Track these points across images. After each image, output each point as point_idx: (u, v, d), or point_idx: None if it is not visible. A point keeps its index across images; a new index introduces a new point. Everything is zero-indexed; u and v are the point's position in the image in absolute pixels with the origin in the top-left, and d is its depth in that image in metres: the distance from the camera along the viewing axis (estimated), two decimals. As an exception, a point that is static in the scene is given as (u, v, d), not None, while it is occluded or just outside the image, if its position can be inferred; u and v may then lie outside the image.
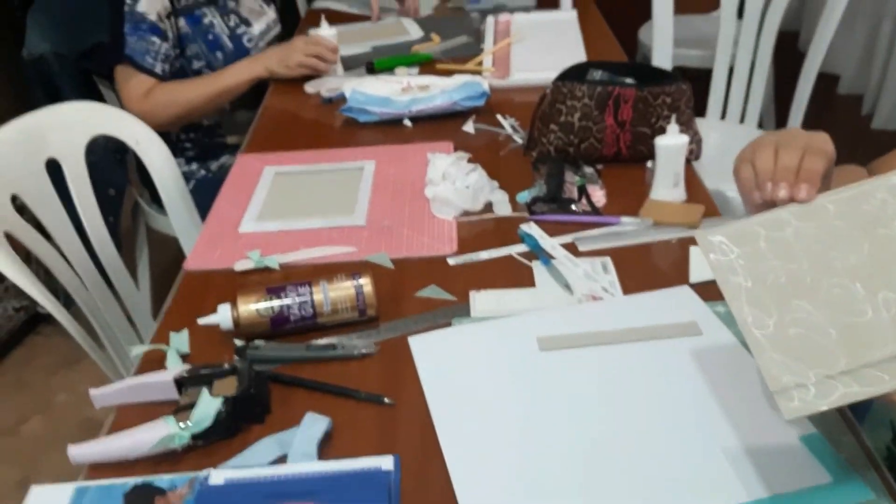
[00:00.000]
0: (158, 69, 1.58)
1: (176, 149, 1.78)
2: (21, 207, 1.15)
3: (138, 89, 1.57)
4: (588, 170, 1.16)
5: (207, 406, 0.75)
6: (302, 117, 1.50)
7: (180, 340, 0.89)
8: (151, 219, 1.91)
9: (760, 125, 2.12)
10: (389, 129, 1.41)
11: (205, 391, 0.76)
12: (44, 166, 1.22)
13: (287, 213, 1.15)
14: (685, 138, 1.08)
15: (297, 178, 1.26)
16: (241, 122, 1.78)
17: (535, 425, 0.75)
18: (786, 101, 2.00)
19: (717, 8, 2.34)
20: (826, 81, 2.01)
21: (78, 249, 1.24)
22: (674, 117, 1.09)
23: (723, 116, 2.11)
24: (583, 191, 1.12)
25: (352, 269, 0.93)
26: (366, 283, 0.91)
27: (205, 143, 1.76)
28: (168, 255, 2.38)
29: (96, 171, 1.36)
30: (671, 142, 1.07)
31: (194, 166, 1.76)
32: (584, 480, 0.69)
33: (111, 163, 1.91)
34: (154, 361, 0.88)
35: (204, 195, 1.53)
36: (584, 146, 1.19)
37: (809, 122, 1.95)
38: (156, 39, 1.57)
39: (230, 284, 1.01)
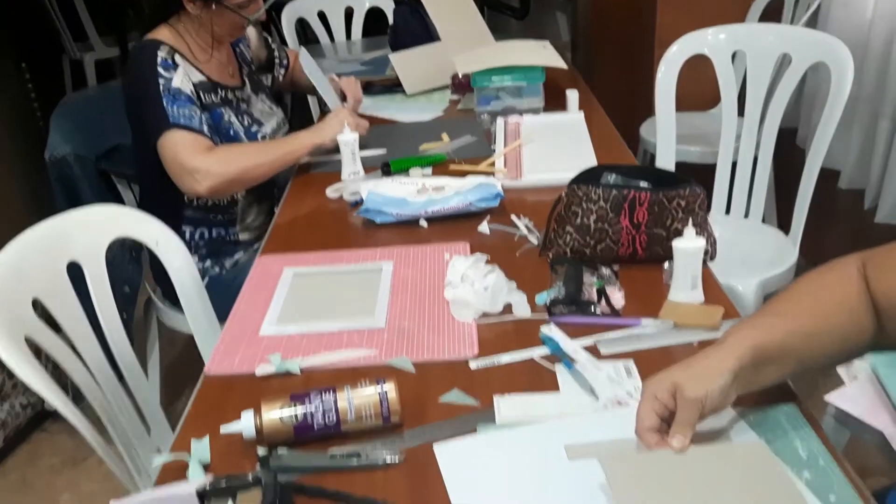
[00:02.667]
0: (207, 132, 1.59)
1: (189, 247, 1.80)
2: (35, 303, 1.16)
3: (198, 145, 1.55)
4: (605, 271, 1.18)
5: (232, 522, 0.74)
6: (319, 217, 1.53)
7: (201, 449, 0.88)
8: (163, 315, 1.91)
9: (763, 219, 2.15)
10: (406, 230, 1.43)
11: (241, 500, 0.75)
12: (65, 268, 1.23)
13: (307, 316, 1.16)
14: (702, 241, 1.10)
15: (316, 279, 1.27)
16: (254, 219, 1.81)
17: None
18: (786, 194, 2.04)
19: (716, 105, 2.42)
20: (826, 176, 2.06)
21: (93, 346, 1.24)
22: (690, 220, 1.11)
23: (727, 211, 2.15)
24: (602, 293, 1.12)
25: (373, 373, 0.93)
26: (390, 389, 0.90)
27: (218, 240, 1.78)
28: (178, 349, 2.37)
29: (112, 269, 1.37)
30: (688, 245, 1.09)
31: (208, 263, 1.78)
32: None
33: (127, 260, 1.94)
34: (173, 470, 0.87)
35: (218, 292, 1.54)
36: (601, 247, 1.21)
37: (813, 217, 1.99)
38: (196, 109, 1.59)
39: (251, 389, 1.01)
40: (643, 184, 1.21)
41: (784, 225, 2.09)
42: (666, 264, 1.16)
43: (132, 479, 1.18)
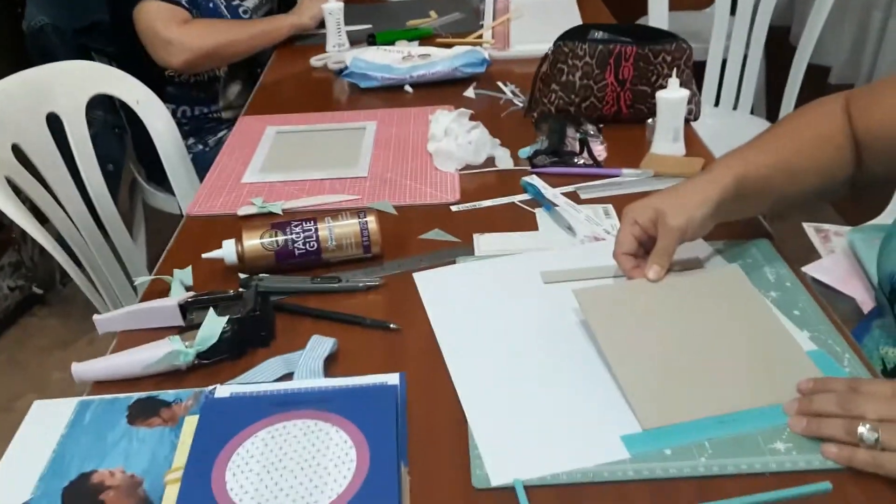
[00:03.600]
0: (185, 3, 1.56)
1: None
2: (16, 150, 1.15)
3: (174, 17, 1.53)
4: (589, 127, 1.18)
5: (213, 325, 0.75)
6: (303, 84, 1.51)
7: (184, 274, 0.89)
8: (149, 196, 1.91)
9: (752, 112, 2.15)
10: (390, 95, 1.42)
11: (211, 311, 0.76)
12: (45, 120, 1.22)
13: (289, 167, 1.16)
14: (686, 92, 1.09)
15: (298, 136, 1.27)
16: (237, 97, 1.79)
17: (538, 350, 0.76)
18: (777, 91, 2.03)
19: (710, 4, 2.38)
20: (817, 73, 2.05)
21: (75, 200, 1.24)
22: (674, 72, 1.11)
23: (716, 104, 2.14)
24: (584, 145, 1.13)
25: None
26: (371, 220, 0.91)
27: (201, 118, 1.76)
28: (166, 234, 2.37)
29: (95, 146, 1.36)
30: (672, 95, 1.09)
31: (191, 141, 1.76)
32: (582, 398, 0.69)
33: (110, 138, 1.92)
34: (157, 293, 0.88)
35: (202, 168, 1.53)
36: (585, 105, 1.21)
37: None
38: None
39: (232, 228, 1.01)
40: (629, 40, 1.20)
41: (773, 119, 2.08)
42: (650, 120, 1.16)
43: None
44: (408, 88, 1.43)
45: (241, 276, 0.89)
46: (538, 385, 0.71)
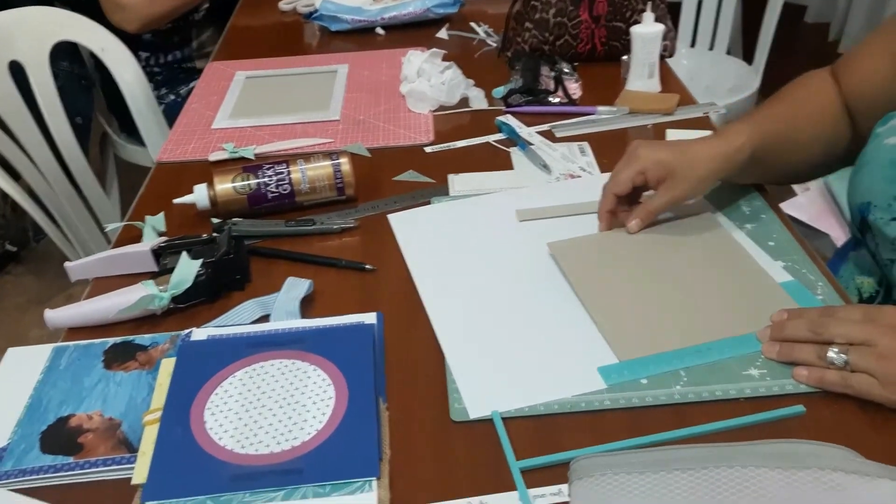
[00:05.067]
0: None
1: (146, 74, 1.74)
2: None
3: None
4: (564, 65, 1.16)
5: (187, 268, 0.75)
6: (272, 29, 1.48)
7: (156, 220, 0.88)
8: (120, 149, 1.87)
9: (728, 52, 2.13)
10: (362, 38, 1.39)
11: (184, 254, 0.75)
12: (7, 69, 1.18)
13: (260, 112, 1.13)
14: (660, 27, 1.08)
15: (269, 80, 1.24)
16: (209, 39, 1.74)
17: (514, 286, 0.76)
18: (754, 30, 2.02)
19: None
20: (793, 11, 2.03)
21: (46, 157, 1.22)
22: (649, 6, 1.09)
23: (692, 44, 2.12)
24: (559, 83, 1.11)
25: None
26: (344, 161, 0.90)
27: (174, 67, 1.72)
28: (139, 187, 2.33)
29: (62, 98, 1.32)
30: (646, 30, 1.07)
31: (163, 91, 1.72)
32: (559, 332, 0.70)
33: (77, 90, 1.87)
34: (129, 240, 0.87)
35: (174, 118, 1.50)
36: (560, 43, 1.19)
37: (777, 50, 1.98)
38: None
39: (204, 174, 0.99)
40: (604, -25, 1.17)
41: (749, 58, 2.07)
42: (625, 57, 1.15)
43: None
44: (379, 30, 1.40)
45: (214, 220, 0.88)
46: (515, 321, 0.71)
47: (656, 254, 0.77)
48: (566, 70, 1.14)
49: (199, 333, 0.71)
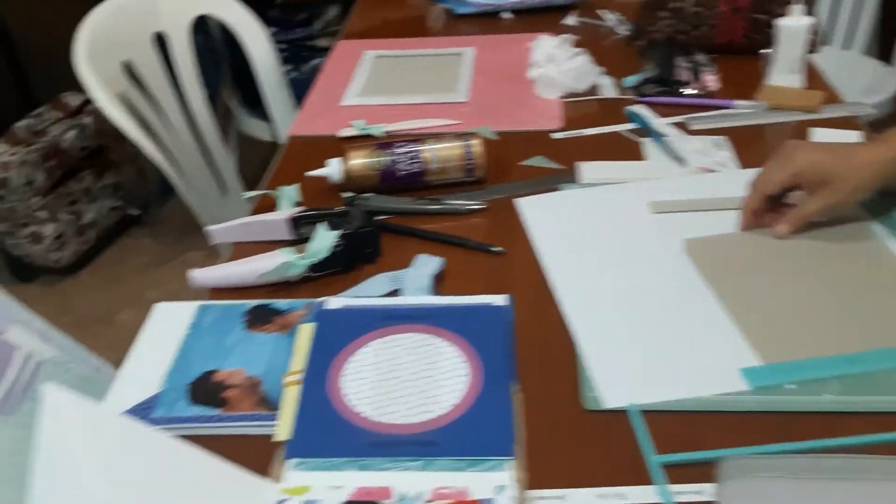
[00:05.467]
0: None
1: (269, 49, 1.80)
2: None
3: None
4: (700, 56, 1.12)
5: (324, 238, 0.77)
6: (398, 10, 1.49)
7: (290, 191, 0.91)
8: (243, 123, 1.94)
9: (864, 52, 2.02)
10: (486, 22, 1.39)
11: (322, 225, 0.77)
12: (151, 38, 1.24)
13: (388, 91, 1.15)
14: (809, 20, 1.03)
15: (396, 60, 1.26)
16: (333, 25, 1.79)
17: (649, 279, 0.74)
18: (893, 31, 1.90)
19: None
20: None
21: (181, 124, 1.28)
22: (797, -2, 1.04)
23: (827, 43, 2.01)
24: (695, 74, 1.08)
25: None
26: (475, 143, 0.90)
27: (297, 45, 1.77)
28: (256, 160, 2.40)
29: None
30: (794, 23, 1.02)
31: (287, 67, 1.78)
32: (698, 329, 0.68)
33: (207, 63, 1.95)
34: (264, 209, 0.89)
35: (297, 97, 1.55)
36: (696, 34, 1.15)
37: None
38: None
39: (333, 149, 1.02)
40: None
41: (887, 59, 1.95)
42: (768, 50, 1.10)
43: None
44: (504, 15, 1.39)
45: (344, 194, 0.89)
46: (651, 313, 0.69)
47: (803, 258, 0.74)
48: (702, 61, 1.11)
49: (334, 302, 0.73)
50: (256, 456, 0.59)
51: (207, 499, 0.52)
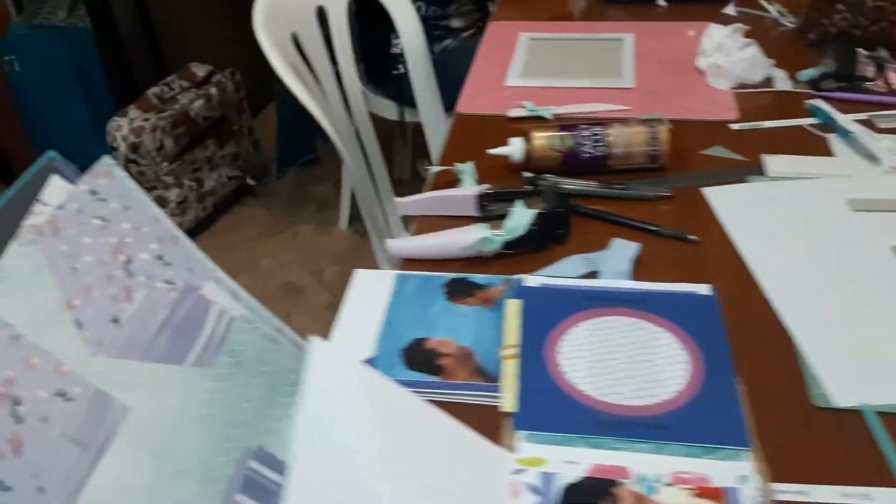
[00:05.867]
0: None
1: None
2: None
3: None
4: (882, 51, 1.08)
5: (521, 216, 0.77)
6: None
7: (468, 168, 0.91)
8: (368, 101, 1.96)
9: None
10: (639, 9, 1.36)
11: (519, 203, 0.78)
12: (314, 12, 1.27)
13: (550, 73, 1.14)
14: None
15: (553, 43, 1.25)
16: (466, 5, 1.78)
17: (860, 277, 0.72)
18: None
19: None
20: None
21: (335, 96, 1.30)
22: None
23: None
24: (880, 70, 1.03)
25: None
26: (661, 129, 0.89)
27: (430, 24, 1.77)
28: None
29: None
30: None
31: (417, 46, 1.78)
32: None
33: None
34: (443, 185, 0.90)
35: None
36: (876, 29, 1.10)
37: None
38: None
39: (502, 130, 1.02)
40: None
41: None
42: (956, 49, 1.05)
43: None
44: (660, 2, 1.36)
45: (526, 174, 0.89)
46: (869, 312, 0.67)
47: None
48: (886, 57, 1.06)
49: (531, 280, 0.73)
50: (472, 425, 0.59)
51: (453, 462, 0.53)
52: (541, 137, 0.89)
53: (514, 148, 0.90)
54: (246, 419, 0.84)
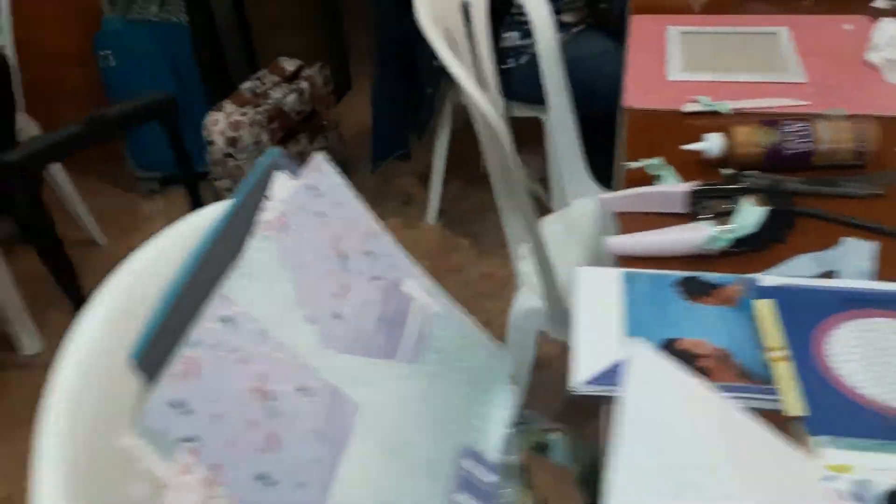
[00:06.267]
0: None
1: (513, 22, 1.79)
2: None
3: None
4: None
5: (751, 214, 0.75)
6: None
7: (657, 164, 0.89)
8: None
9: None
10: (786, 2, 1.33)
11: (750, 200, 0.76)
12: (459, 5, 1.25)
13: (711, 67, 1.12)
14: None
15: (706, 37, 1.22)
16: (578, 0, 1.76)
17: None
18: None
19: None
20: None
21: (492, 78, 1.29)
22: None
23: None
24: None
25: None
26: (869, 127, 0.86)
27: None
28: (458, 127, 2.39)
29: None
30: None
31: (528, 41, 1.76)
32: None
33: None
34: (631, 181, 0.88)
35: (534, 69, 1.53)
36: None
37: None
38: None
39: (676, 125, 1.00)
40: None
41: None
42: None
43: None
44: (805, -5, 1.33)
45: (724, 171, 0.87)
46: None
47: None
48: None
49: (768, 280, 0.71)
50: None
51: (765, 469, 0.51)
52: (743, 133, 0.87)
53: (712, 143, 0.88)
54: (455, 416, 0.83)
